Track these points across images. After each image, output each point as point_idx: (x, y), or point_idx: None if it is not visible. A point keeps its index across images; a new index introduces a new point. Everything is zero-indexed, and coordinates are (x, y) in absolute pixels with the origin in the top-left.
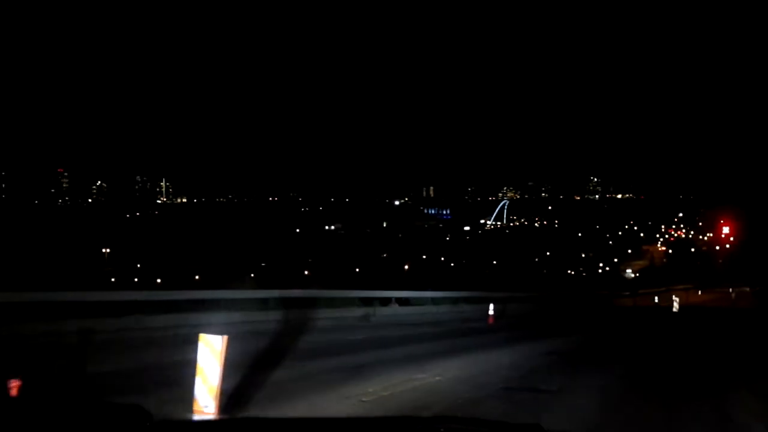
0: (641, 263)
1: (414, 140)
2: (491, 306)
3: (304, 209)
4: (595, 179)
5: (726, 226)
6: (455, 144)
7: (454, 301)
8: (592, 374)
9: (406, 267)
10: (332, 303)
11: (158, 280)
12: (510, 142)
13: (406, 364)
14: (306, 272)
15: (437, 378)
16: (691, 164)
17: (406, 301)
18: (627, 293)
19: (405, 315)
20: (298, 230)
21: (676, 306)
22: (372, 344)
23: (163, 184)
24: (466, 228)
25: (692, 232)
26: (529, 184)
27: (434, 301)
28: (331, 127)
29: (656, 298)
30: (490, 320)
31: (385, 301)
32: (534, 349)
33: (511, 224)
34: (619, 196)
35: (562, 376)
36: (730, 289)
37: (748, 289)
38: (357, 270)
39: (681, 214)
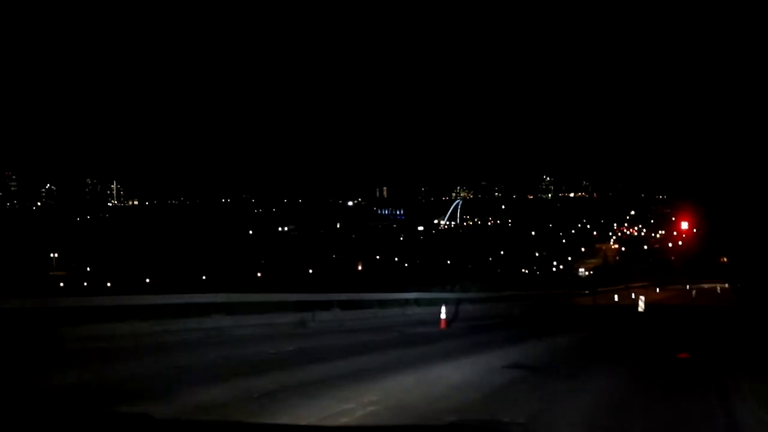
0: (595, 261)
1: (367, 141)
2: (443, 308)
3: (258, 211)
4: (548, 178)
5: (684, 221)
6: (408, 144)
7: (404, 303)
8: (568, 397)
9: (360, 267)
10: (265, 308)
11: (108, 284)
12: (463, 142)
13: (335, 388)
14: (259, 274)
15: (370, 408)
16: (642, 162)
17: (352, 303)
18: (586, 292)
19: (348, 320)
20: (251, 232)
21: (641, 305)
22: (300, 358)
23: (114, 186)
24: (420, 228)
25: (644, 230)
26: (482, 183)
27: (381, 304)
28: (284, 128)
29: (616, 296)
30: (442, 324)
31: (327, 305)
32: (493, 361)
33: (465, 224)
34: (572, 194)
35: (530, 400)
36: (688, 286)
37: (727, 285)
38: (310, 271)
39: (633, 212)
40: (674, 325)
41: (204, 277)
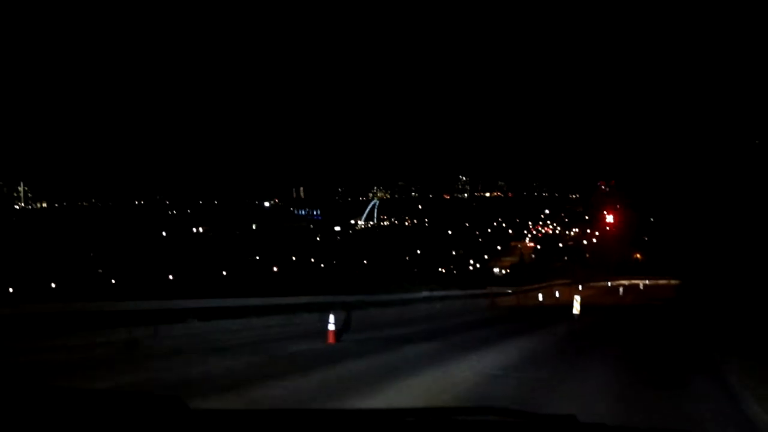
0: (511, 259)
1: (283, 141)
2: (331, 317)
3: (172, 212)
4: (464, 178)
5: (610, 214)
6: (325, 144)
7: (291, 309)
8: None
9: (275, 269)
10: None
11: (10, 290)
12: (379, 142)
13: None
14: (170, 276)
15: None
16: (556, 162)
17: (222, 312)
18: (509, 291)
19: (206, 336)
20: (164, 234)
21: (577, 307)
22: None
23: (21, 188)
24: (337, 228)
25: (559, 228)
26: (399, 183)
27: (260, 312)
28: (198, 128)
29: (540, 295)
30: (330, 338)
31: (180, 316)
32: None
33: (382, 224)
34: (488, 194)
35: None
36: (609, 283)
37: (648, 281)
38: (224, 273)
39: (547, 211)
40: (631, 336)
41: (113, 281)
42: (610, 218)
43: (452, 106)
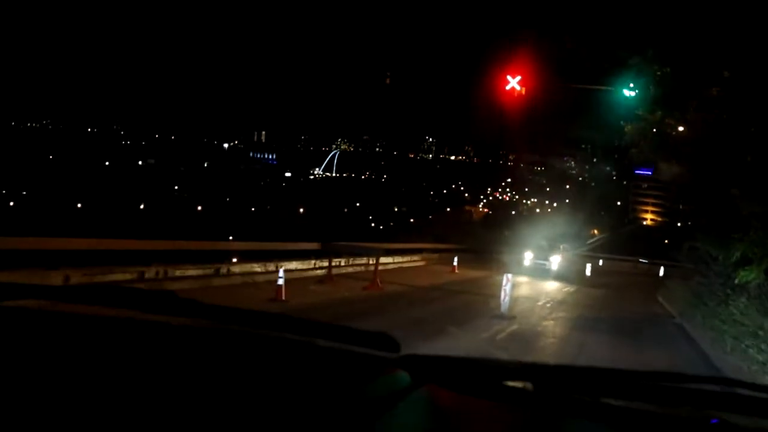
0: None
1: (252, 83)
2: None
3: (125, 143)
4: (431, 139)
5: (515, 76)
6: (293, 90)
7: None
8: None
9: (199, 208)
10: None
11: None
12: (349, 93)
13: None
14: (79, 205)
15: None
16: (521, 132)
17: None
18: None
19: None
20: (107, 163)
21: None
22: None
23: None
24: (287, 174)
25: (517, 197)
26: (364, 138)
27: None
28: (167, 62)
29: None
30: None
31: None
32: None
33: (339, 175)
34: (453, 157)
35: None
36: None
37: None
38: (141, 207)
39: (509, 180)
40: None
41: (12, 204)
42: (514, 83)
43: (426, 67)
